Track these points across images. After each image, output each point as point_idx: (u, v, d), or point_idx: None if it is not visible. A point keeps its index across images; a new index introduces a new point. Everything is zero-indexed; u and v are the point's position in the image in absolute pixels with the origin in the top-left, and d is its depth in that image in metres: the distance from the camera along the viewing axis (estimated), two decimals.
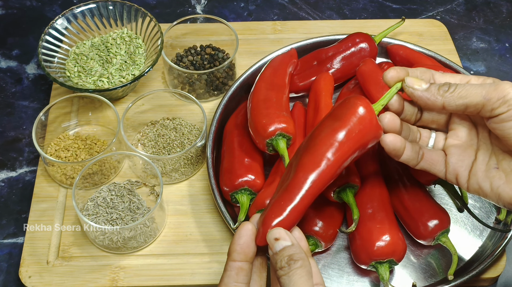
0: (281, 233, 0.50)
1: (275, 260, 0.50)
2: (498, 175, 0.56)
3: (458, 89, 0.55)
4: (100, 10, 0.89)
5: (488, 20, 1.03)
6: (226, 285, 0.51)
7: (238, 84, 0.83)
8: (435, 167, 0.61)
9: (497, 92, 0.53)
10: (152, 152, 0.80)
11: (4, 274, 0.74)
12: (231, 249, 0.52)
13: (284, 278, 0.49)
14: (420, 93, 0.56)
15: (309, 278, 0.49)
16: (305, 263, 0.49)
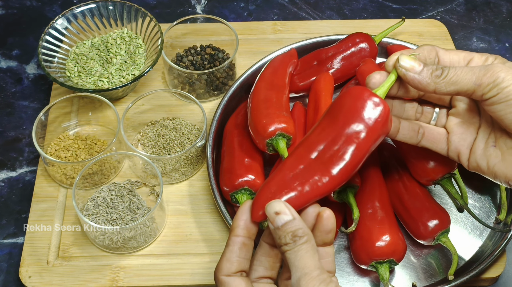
0: (281, 207, 0.49)
1: (278, 235, 0.49)
2: (494, 153, 0.57)
3: (450, 75, 0.54)
4: (100, 10, 0.89)
5: (488, 20, 1.03)
6: (229, 260, 0.51)
7: (238, 84, 0.83)
8: (437, 145, 0.61)
9: (487, 77, 0.53)
10: (152, 152, 0.80)
11: (4, 274, 0.74)
12: (234, 225, 0.52)
13: (289, 253, 0.48)
14: (412, 76, 0.55)
15: (314, 253, 0.48)
16: (310, 238, 0.49)
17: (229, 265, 0.51)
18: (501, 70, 0.53)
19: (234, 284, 0.50)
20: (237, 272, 0.51)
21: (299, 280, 0.47)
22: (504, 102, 0.53)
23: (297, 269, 0.47)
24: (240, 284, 0.50)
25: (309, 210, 0.52)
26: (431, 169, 0.71)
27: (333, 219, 0.52)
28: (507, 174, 0.56)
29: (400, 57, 0.55)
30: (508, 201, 0.76)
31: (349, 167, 0.54)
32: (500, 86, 0.52)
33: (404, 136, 0.60)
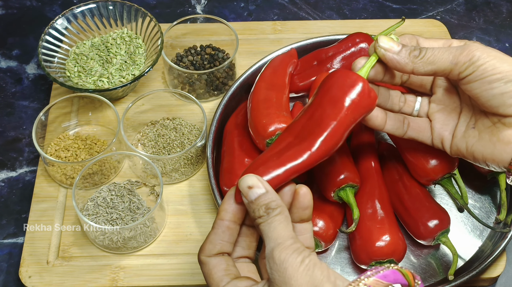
0: (254, 180, 0.50)
1: (252, 209, 0.50)
2: (473, 133, 0.57)
3: (428, 55, 0.55)
4: (100, 10, 0.89)
5: (488, 20, 1.03)
6: (211, 242, 0.52)
7: (238, 84, 0.83)
8: (422, 135, 0.62)
9: (464, 56, 0.54)
10: (152, 152, 0.80)
11: (4, 274, 0.74)
12: (221, 208, 0.52)
13: (263, 225, 0.49)
14: (391, 55, 0.56)
15: (288, 223, 0.49)
16: (283, 209, 0.49)
17: (212, 246, 0.52)
18: (477, 49, 0.54)
19: (213, 263, 0.51)
20: (218, 254, 0.52)
21: (273, 251, 0.47)
22: (479, 80, 0.54)
23: (270, 240, 0.48)
24: (219, 262, 0.51)
25: (285, 189, 0.53)
26: (431, 169, 0.71)
27: (310, 195, 0.53)
28: (484, 153, 0.56)
29: (379, 38, 0.57)
30: (508, 201, 0.76)
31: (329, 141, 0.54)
32: (476, 64, 0.53)
33: (392, 127, 0.61)
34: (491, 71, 0.53)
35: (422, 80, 0.62)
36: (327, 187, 0.70)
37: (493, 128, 0.55)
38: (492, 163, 0.56)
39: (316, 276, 0.45)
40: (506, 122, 0.54)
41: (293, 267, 0.46)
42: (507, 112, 0.53)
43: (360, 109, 0.55)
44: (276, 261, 0.46)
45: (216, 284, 0.50)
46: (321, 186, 0.71)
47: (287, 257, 0.46)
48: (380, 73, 0.59)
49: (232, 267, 0.51)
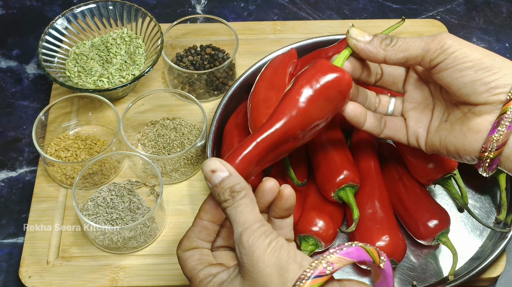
0: (216, 164, 0.50)
1: (217, 193, 0.50)
2: (445, 126, 0.58)
3: (399, 43, 0.56)
4: (100, 10, 0.89)
5: (488, 20, 1.03)
6: (188, 238, 0.53)
7: (238, 84, 0.83)
8: (398, 133, 0.62)
9: (435, 43, 0.54)
10: (152, 152, 0.80)
11: (4, 274, 0.74)
12: (201, 207, 0.53)
13: (229, 209, 0.49)
14: (363, 45, 0.57)
15: (254, 206, 0.49)
16: (248, 192, 0.50)
17: (188, 243, 0.53)
18: (448, 37, 0.54)
19: (189, 254, 0.52)
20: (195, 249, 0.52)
21: (241, 235, 0.47)
22: (451, 68, 0.54)
23: (238, 224, 0.48)
24: (194, 253, 0.52)
25: (267, 185, 0.53)
26: (431, 169, 0.71)
27: (293, 197, 0.53)
28: (455, 144, 0.56)
29: (350, 29, 0.57)
30: (508, 201, 0.76)
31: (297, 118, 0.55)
32: (447, 51, 0.54)
33: (371, 126, 0.62)
34: (462, 59, 0.53)
35: (394, 79, 0.62)
36: (327, 187, 0.70)
37: (464, 119, 0.55)
38: (464, 153, 0.56)
39: (282, 257, 0.46)
40: (476, 111, 0.54)
41: (261, 249, 0.46)
42: (477, 100, 0.53)
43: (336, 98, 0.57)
44: (245, 245, 0.47)
45: (189, 273, 0.51)
46: (321, 186, 0.71)
47: (255, 240, 0.47)
48: (357, 69, 0.60)
49: (206, 256, 0.52)
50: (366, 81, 0.62)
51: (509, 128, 0.52)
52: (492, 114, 0.53)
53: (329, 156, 0.71)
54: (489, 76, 0.53)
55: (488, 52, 0.54)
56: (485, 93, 0.53)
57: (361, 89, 0.62)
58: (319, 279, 0.43)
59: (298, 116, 0.55)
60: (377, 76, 0.62)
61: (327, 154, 0.72)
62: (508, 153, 0.53)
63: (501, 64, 0.53)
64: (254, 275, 0.46)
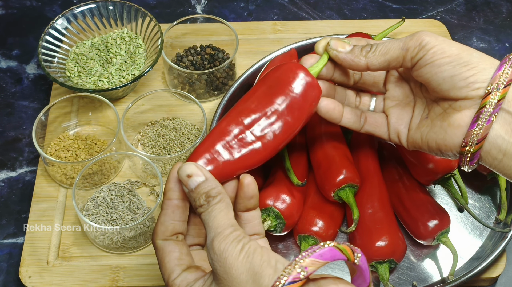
0: (193, 169, 0.50)
1: (193, 198, 0.50)
2: (426, 123, 0.58)
3: (379, 48, 0.57)
4: (100, 10, 0.89)
5: (488, 20, 1.03)
6: (163, 224, 0.51)
7: (238, 84, 0.83)
8: (379, 129, 0.62)
9: (413, 41, 0.55)
10: (152, 152, 0.80)
11: (4, 274, 0.74)
12: (166, 188, 0.52)
13: (204, 215, 0.49)
14: (344, 55, 0.58)
15: (228, 211, 0.49)
16: (223, 197, 0.49)
17: (164, 228, 0.51)
18: (425, 35, 0.55)
19: (168, 249, 0.51)
20: (173, 235, 0.51)
21: (212, 241, 0.47)
22: (430, 64, 0.54)
23: (210, 230, 0.48)
24: (174, 248, 0.51)
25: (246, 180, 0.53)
26: (431, 169, 0.71)
27: (254, 184, 0.53)
28: (436, 139, 0.56)
29: (330, 41, 0.58)
30: (508, 201, 0.76)
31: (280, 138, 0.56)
32: (425, 48, 0.54)
33: (348, 121, 0.62)
34: (440, 55, 0.54)
35: (375, 78, 0.63)
36: (327, 187, 0.70)
37: (444, 114, 0.56)
38: (445, 149, 0.56)
39: (255, 262, 0.45)
40: (456, 107, 0.54)
41: (233, 256, 0.45)
42: (457, 95, 0.54)
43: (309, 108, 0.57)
44: (216, 252, 0.46)
45: (167, 275, 0.50)
46: (321, 186, 0.71)
47: (227, 246, 0.46)
48: (330, 69, 0.60)
49: (185, 255, 0.51)
50: (345, 83, 0.63)
51: (488, 122, 0.52)
52: (472, 109, 0.53)
53: (329, 156, 0.71)
54: (468, 71, 0.53)
55: (465, 48, 0.54)
56: (464, 89, 0.53)
57: (338, 88, 0.63)
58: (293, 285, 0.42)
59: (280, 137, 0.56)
60: (356, 77, 0.62)
61: (327, 153, 0.72)
62: (488, 147, 0.53)
63: (479, 59, 0.54)
64: (228, 283, 0.45)
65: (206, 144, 0.54)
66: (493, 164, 0.54)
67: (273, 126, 0.55)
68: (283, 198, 0.68)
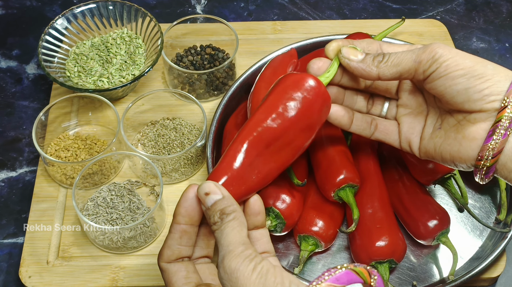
0: (211, 187, 0.50)
1: (208, 215, 0.49)
2: (439, 134, 0.57)
3: (392, 58, 0.56)
4: (100, 10, 0.89)
5: (488, 20, 1.03)
6: (169, 247, 0.51)
7: (238, 84, 0.83)
8: (390, 137, 0.62)
9: (426, 54, 0.54)
10: (152, 152, 0.80)
11: (4, 274, 0.74)
12: (176, 212, 0.51)
13: (217, 233, 0.48)
14: (356, 64, 0.57)
15: (241, 229, 0.48)
16: (237, 215, 0.49)
17: (170, 252, 0.51)
18: (438, 47, 0.54)
19: (174, 269, 0.51)
20: (178, 259, 0.51)
21: (223, 259, 0.46)
22: (443, 77, 0.54)
23: (222, 247, 0.47)
24: (180, 268, 0.50)
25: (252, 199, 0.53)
26: (431, 169, 0.71)
27: (260, 201, 0.53)
28: (451, 151, 0.56)
29: (342, 49, 0.57)
30: (508, 201, 0.76)
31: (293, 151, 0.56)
32: (439, 61, 0.54)
33: (358, 128, 0.62)
34: (454, 67, 0.53)
35: (387, 85, 0.62)
36: (327, 187, 0.70)
37: (458, 126, 0.55)
38: (460, 161, 0.56)
39: (269, 283, 0.44)
40: (471, 119, 0.54)
41: (245, 275, 0.44)
42: (472, 107, 0.53)
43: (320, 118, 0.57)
44: (227, 270, 0.45)
45: None
46: (321, 186, 0.71)
47: (238, 265, 0.45)
48: (339, 74, 0.60)
49: (192, 273, 0.51)
50: (355, 88, 0.62)
51: (504, 136, 0.52)
52: (487, 122, 0.53)
53: (329, 156, 0.71)
54: (482, 83, 0.52)
55: (479, 59, 0.54)
56: (479, 101, 0.53)
57: (347, 93, 0.62)
58: None
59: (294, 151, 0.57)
60: (367, 82, 0.62)
61: (327, 154, 0.72)
62: (504, 160, 0.53)
63: (493, 71, 0.53)
64: None
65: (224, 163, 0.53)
66: (508, 177, 0.54)
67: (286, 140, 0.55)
68: (283, 198, 0.68)
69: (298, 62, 0.86)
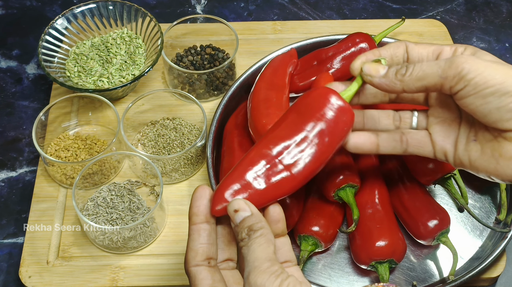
0: (240, 204, 0.49)
1: (237, 232, 0.49)
2: (475, 147, 0.55)
3: (416, 71, 0.53)
4: (100, 10, 0.89)
5: (488, 20, 1.03)
6: (192, 249, 0.50)
7: (238, 84, 0.83)
8: (424, 149, 0.59)
9: (452, 70, 0.51)
10: (152, 152, 0.80)
11: (4, 274, 0.74)
12: (190, 213, 0.51)
13: (244, 249, 0.48)
14: (378, 80, 0.55)
15: (268, 246, 0.48)
16: (265, 232, 0.48)
17: (194, 253, 0.50)
18: (465, 62, 0.51)
19: (201, 276, 0.50)
20: (205, 260, 0.51)
21: (249, 275, 0.46)
22: (473, 95, 0.51)
23: (248, 263, 0.47)
24: (207, 276, 0.50)
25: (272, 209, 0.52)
26: (431, 169, 0.71)
27: (279, 209, 0.52)
28: (487, 168, 0.54)
29: (363, 66, 0.55)
30: (508, 201, 0.76)
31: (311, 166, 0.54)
32: (466, 78, 0.51)
33: (387, 149, 0.59)
34: (483, 85, 0.50)
35: (413, 95, 0.60)
36: (327, 187, 0.70)
37: (495, 143, 0.53)
38: (497, 177, 0.54)
39: None
40: (507, 137, 0.52)
41: None
42: (505, 127, 0.51)
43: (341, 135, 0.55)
44: (252, 286, 0.45)
45: None
46: (321, 186, 0.71)
47: (264, 281, 0.45)
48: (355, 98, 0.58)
49: (218, 282, 0.50)
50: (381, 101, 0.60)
51: None
52: None
53: None
54: None
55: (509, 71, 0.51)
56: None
57: (367, 113, 0.60)
58: None
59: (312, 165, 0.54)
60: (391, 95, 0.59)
61: None
62: None
63: None
64: None
65: (235, 174, 0.53)
66: None
67: (303, 154, 0.53)
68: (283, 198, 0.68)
69: (298, 62, 0.86)
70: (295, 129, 0.54)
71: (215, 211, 0.51)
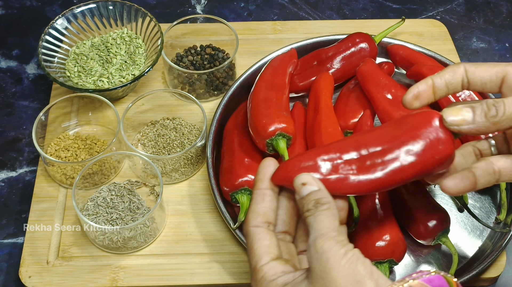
0: (308, 179, 0.50)
1: (302, 204, 0.50)
2: None
3: (507, 111, 0.50)
4: (100, 10, 0.89)
5: (488, 20, 1.03)
6: (253, 211, 0.51)
7: (238, 84, 0.83)
8: None
9: None
10: (152, 152, 0.80)
11: (4, 274, 0.74)
12: (256, 179, 0.53)
13: (310, 218, 0.48)
14: (467, 128, 0.50)
15: (335, 219, 0.48)
16: (332, 206, 0.49)
17: (255, 215, 0.51)
18: None
19: (258, 237, 0.50)
20: (264, 223, 0.51)
21: (316, 240, 0.46)
22: None
23: (314, 230, 0.47)
24: (264, 237, 0.50)
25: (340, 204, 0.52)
26: None
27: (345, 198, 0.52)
28: None
29: (444, 115, 0.51)
30: (508, 201, 0.76)
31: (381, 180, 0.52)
32: None
33: (483, 184, 0.55)
34: None
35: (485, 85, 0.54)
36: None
37: None
38: None
39: (358, 270, 0.44)
40: None
41: (335, 258, 0.45)
42: None
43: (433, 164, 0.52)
44: (318, 250, 0.46)
45: (255, 261, 0.50)
46: None
47: (330, 247, 0.46)
48: None
49: (274, 246, 0.50)
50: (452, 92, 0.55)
51: None
52: None
53: None
54: None
55: None
56: None
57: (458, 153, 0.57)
58: None
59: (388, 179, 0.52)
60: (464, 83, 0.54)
61: None
62: None
63: None
64: (325, 283, 0.45)
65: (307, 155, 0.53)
66: None
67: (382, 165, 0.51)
68: None
69: (298, 62, 0.86)
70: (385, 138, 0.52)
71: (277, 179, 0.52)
